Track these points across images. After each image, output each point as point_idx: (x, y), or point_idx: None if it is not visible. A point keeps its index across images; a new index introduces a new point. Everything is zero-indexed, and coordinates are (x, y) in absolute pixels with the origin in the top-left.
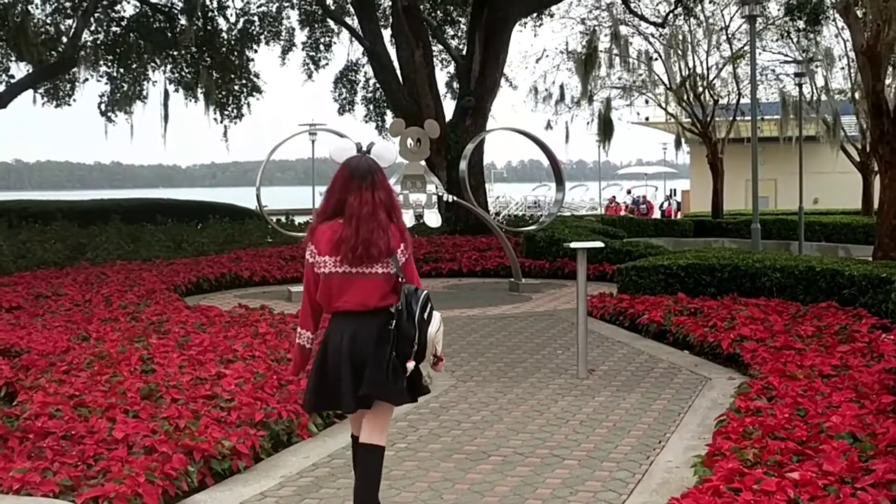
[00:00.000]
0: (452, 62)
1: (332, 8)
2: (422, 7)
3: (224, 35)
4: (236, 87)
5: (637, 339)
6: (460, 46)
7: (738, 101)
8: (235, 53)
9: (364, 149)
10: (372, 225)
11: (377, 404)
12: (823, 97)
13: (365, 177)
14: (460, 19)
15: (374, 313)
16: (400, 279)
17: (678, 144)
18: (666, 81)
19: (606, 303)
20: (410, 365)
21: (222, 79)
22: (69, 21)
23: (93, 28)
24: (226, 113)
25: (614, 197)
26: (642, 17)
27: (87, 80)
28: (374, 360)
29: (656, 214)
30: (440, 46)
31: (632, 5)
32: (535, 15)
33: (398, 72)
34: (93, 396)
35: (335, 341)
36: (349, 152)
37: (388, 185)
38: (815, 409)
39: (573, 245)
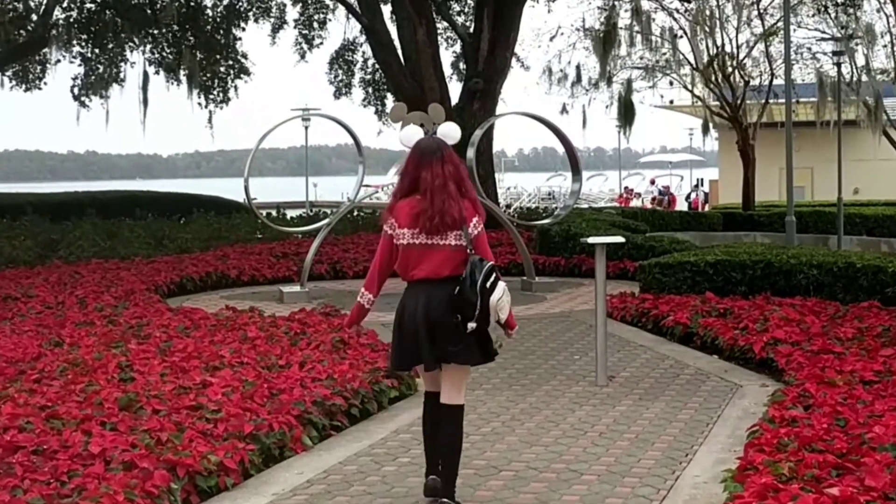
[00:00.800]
0: (458, 41)
1: None
2: None
3: (209, 12)
4: (222, 69)
5: (661, 343)
6: (467, 24)
7: (771, 82)
8: (221, 32)
9: (431, 131)
10: (444, 195)
11: (452, 365)
12: (864, 78)
13: (435, 152)
14: None
15: (446, 281)
16: (469, 251)
17: (705, 130)
18: (692, 61)
19: (628, 303)
20: (471, 326)
21: (207, 60)
22: None
23: (65, 4)
24: (211, 97)
25: (627, 188)
26: None
27: (58, 61)
28: (444, 324)
29: (682, 206)
30: (445, 23)
31: None
32: None
33: (399, 51)
34: (66, 407)
35: (411, 307)
36: (418, 135)
37: (457, 160)
38: (856, 418)
39: (591, 240)
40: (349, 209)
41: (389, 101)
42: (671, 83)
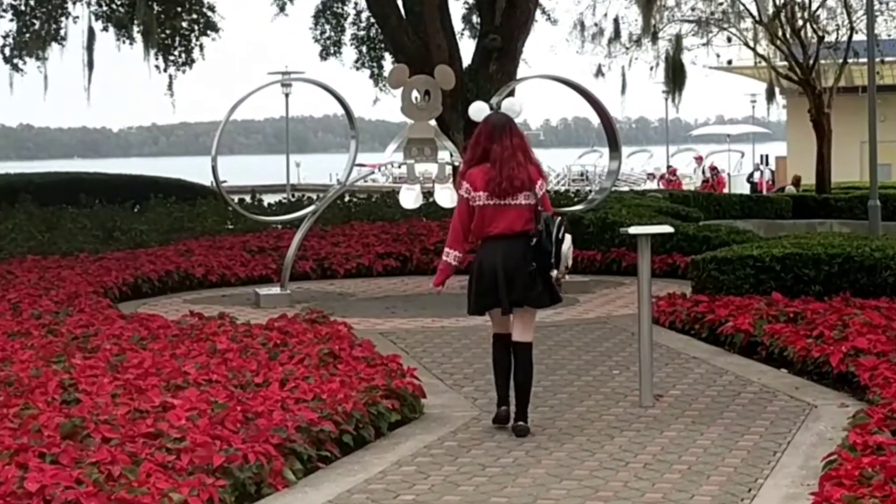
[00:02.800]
0: None
1: None
2: None
3: None
4: (184, 24)
5: (719, 355)
6: None
7: (850, 37)
8: None
9: (496, 106)
10: (512, 164)
11: (523, 308)
12: None
13: (504, 127)
14: None
15: (518, 236)
16: (539, 208)
17: (771, 96)
18: (754, 12)
19: (677, 306)
20: (555, 273)
21: (166, 13)
22: None
23: None
24: (171, 58)
25: (671, 168)
26: None
27: None
28: (521, 272)
29: (739, 189)
30: None
31: None
32: None
33: (399, 1)
34: None
35: (489, 259)
36: (485, 111)
37: (521, 132)
38: None
39: (633, 230)
40: (339, 194)
41: (387, 62)
42: (729, 40)
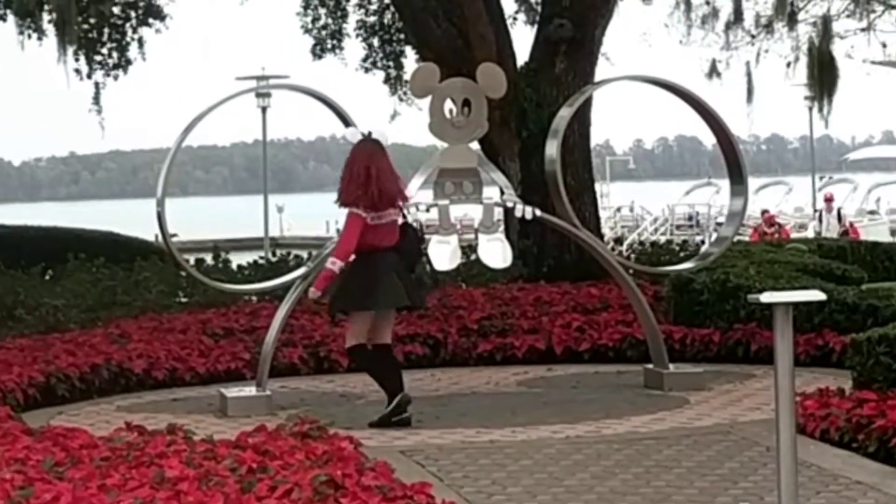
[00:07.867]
0: None
1: None
2: None
3: None
4: (116, 11)
5: (894, 477)
6: None
7: None
8: None
9: (366, 133)
10: (390, 181)
11: (390, 312)
12: None
13: (376, 151)
14: None
15: (392, 248)
16: (408, 222)
17: None
18: None
19: (832, 408)
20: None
21: None
22: None
23: None
24: (97, 60)
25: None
26: None
27: None
28: (399, 278)
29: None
30: None
31: None
32: None
33: None
34: None
35: (373, 266)
36: (359, 135)
37: (388, 156)
38: None
39: (765, 298)
40: None
41: (410, 60)
42: None
